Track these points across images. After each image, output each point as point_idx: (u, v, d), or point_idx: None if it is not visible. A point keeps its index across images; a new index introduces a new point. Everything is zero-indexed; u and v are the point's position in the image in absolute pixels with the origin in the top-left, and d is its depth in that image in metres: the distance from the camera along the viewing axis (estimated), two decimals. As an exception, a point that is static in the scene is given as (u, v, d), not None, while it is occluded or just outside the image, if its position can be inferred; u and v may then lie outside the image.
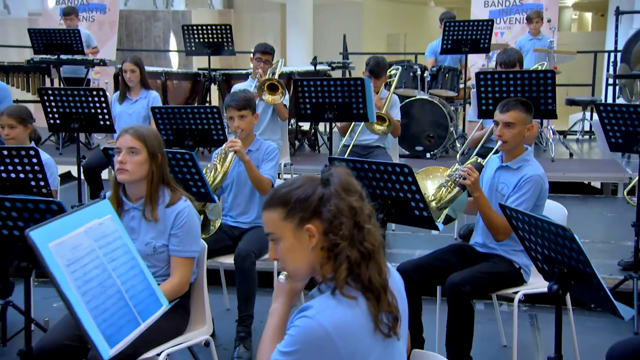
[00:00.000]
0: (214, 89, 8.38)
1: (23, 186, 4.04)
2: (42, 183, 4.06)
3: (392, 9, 23.51)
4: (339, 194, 2.06)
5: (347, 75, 9.55)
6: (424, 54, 9.14)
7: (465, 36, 7.78)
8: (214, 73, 8.08)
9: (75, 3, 10.38)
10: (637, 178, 4.89)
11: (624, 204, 6.76)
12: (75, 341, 3.08)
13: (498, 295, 4.07)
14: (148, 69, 7.18)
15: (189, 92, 8.14)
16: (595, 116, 6.57)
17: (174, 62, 15.99)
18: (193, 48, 8.09)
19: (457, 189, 3.86)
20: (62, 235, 2.06)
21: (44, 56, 8.23)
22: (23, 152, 3.99)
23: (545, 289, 3.94)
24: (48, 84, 8.59)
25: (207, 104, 7.88)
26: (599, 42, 16.32)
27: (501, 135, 3.92)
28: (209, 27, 7.99)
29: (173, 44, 16.41)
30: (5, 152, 4.00)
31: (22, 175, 4.04)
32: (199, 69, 8.77)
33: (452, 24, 7.84)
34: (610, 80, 9.46)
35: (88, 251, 2.13)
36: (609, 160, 8.07)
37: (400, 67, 7.25)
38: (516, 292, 3.82)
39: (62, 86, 7.95)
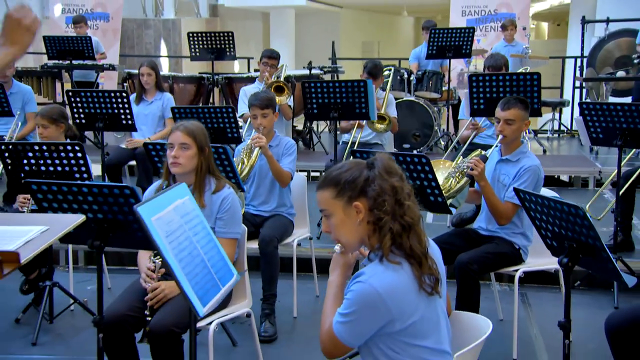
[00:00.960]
0: (216, 91, 8.54)
1: (68, 178, 4.18)
2: (85, 175, 4.20)
3: (367, 18, 23.76)
4: (382, 175, 2.26)
5: (338, 77, 9.76)
6: (397, 59, 9.38)
7: (449, 42, 8.02)
8: (216, 77, 8.23)
9: (80, 12, 10.44)
10: (616, 170, 5.10)
11: (594, 194, 7.05)
12: (136, 312, 3.25)
13: (497, 273, 4.30)
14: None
15: (193, 95, 8.29)
16: (577, 113, 6.82)
17: (165, 66, 16.04)
18: (197, 53, 8.23)
19: (465, 179, 4.07)
20: (159, 211, 2.24)
21: (57, 61, 8.30)
22: (69, 147, 4.14)
23: (540, 267, 4.24)
24: (59, 88, 8.67)
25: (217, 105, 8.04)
26: (557, 49, 16.65)
27: (502, 131, 4.14)
28: (212, 34, 8.14)
29: (164, 50, 16.48)
30: (53, 148, 4.14)
31: (67, 169, 4.18)
32: (200, 72, 8.90)
33: (437, 31, 8.07)
34: (577, 83, 9.76)
35: (178, 226, 2.31)
36: (579, 156, 8.36)
37: (392, 68, 7.47)
38: (516, 270, 4.06)
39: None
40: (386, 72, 7.14)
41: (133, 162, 6.45)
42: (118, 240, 3.04)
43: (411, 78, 8.43)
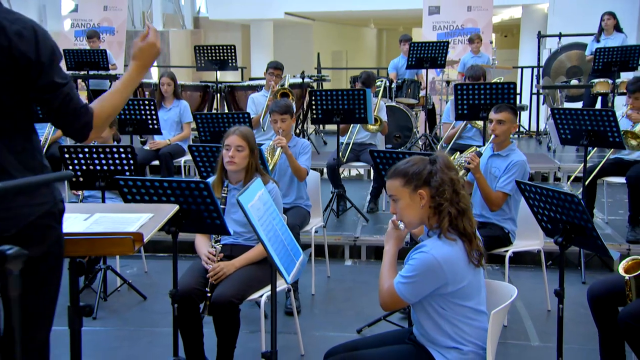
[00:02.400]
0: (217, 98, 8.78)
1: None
2: (134, 174, 4.46)
3: (337, 29, 24.04)
4: (443, 169, 2.60)
5: (322, 86, 10.08)
6: (363, 69, 9.72)
7: (426, 54, 8.38)
8: (220, 85, 8.48)
9: (88, 26, 10.57)
10: (582, 165, 5.50)
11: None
12: (200, 286, 3.55)
13: (489, 254, 4.67)
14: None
15: (199, 101, 8.53)
16: (543, 117, 7.23)
17: (154, 75, 16.16)
18: (202, 64, 8.46)
19: (462, 171, 4.44)
20: (251, 200, 2.54)
21: (74, 72, 8.46)
22: (122, 149, 4.39)
23: (526, 248, 4.62)
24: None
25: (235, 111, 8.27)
26: (507, 58, 17.16)
27: (494, 130, 4.52)
28: (216, 47, 8.37)
29: (153, 60, 16.59)
30: (108, 150, 4.40)
31: (119, 168, 4.44)
32: (202, 81, 9.12)
33: (416, 44, 8.43)
34: (534, 90, 10.22)
35: (263, 212, 2.62)
36: (539, 154, 8.80)
37: (384, 80, 7.82)
38: (507, 251, 4.44)
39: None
40: (378, 82, 7.48)
41: (155, 162, 6.67)
42: (189, 226, 3.32)
43: (392, 86, 8.80)
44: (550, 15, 12.43)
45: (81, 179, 4.51)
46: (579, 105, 9.28)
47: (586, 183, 5.52)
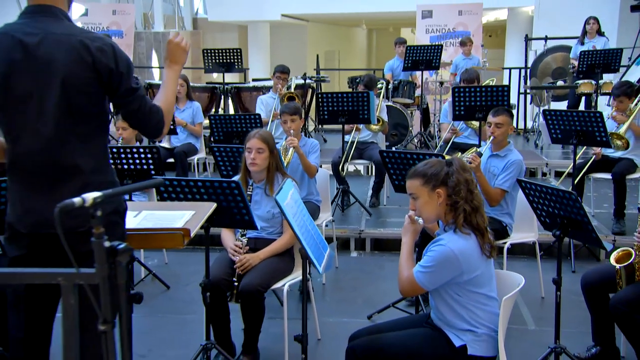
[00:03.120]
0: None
1: (145, 176, 4.59)
2: (160, 173, 4.62)
3: (329, 30, 24.17)
4: (459, 171, 2.79)
5: (321, 87, 10.26)
6: (356, 70, 9.86)
7: (421, 57, 8.57)
8: (227, 86, 8.63)
9: (98, 30, 10.67)
10: (568, 161, 5.71)
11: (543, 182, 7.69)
12: (227, 276, 3.72)
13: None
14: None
15: (207, 101, 8.68)
16: (542, 117, 7.41)
17: (156, 76, 16.25)
18: (210, 66, 8.61)
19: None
20: (285, 199, 2.72)
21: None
22: (147, 150, 4.55)
23: (522, 240, 4.82)
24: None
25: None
26: (492, 58, 17.35)
27: (493, 132, 4.71)
28: (223, 50, 8.51)
29: (155, 60, 16.67)
30: (135, 150, 4.55)
31: (145, 167, 4.59)
32: (207, 82, 9.25)
33: (412, 48, 8.61)
34: (522, 90, 10.43)
35: (295, 209, 2.80)
36: (527, 150, 8.99)
37: (384, 82, 8.00)
38: (505, 242, 4.64)
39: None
40: (379, 85, 7.66)
41: (170, 160, 6.81)
42: (220, 222, 3.49)
43: (389, 86, 8.98)
44: (536, 19, 12.64)
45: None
46: (564, 104, 9.51)
47: (576, 181, 5.73)
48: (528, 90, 9.83)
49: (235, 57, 8.51)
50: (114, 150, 4.54)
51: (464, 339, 2.75)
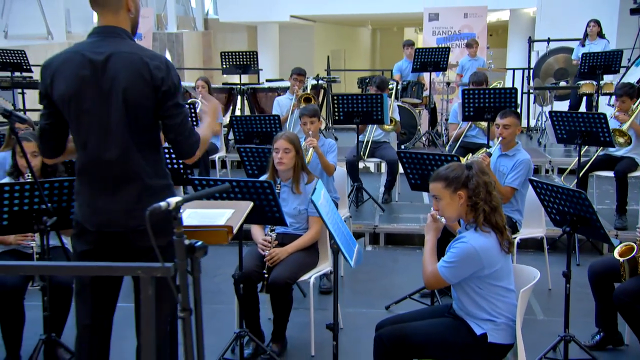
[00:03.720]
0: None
1: (176, 174, 4.73)
2: (188, 171, 4.76)
3: (335, 29, 24.28)
4: (478, 174, 2.93)
5: (331, 87, 10.39)
6: (360, 70, 9.97)
7: (430, 59, 8.71)
8: (243, 87, 8.78)
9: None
10: (569, 159, 5.85)
11: (545, 179, 7.83)
12: (257, 268, 3.88)
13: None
14: (191, 84, 7.89)
15: (225, 102, 8.83)
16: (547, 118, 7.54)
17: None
18: (227, 68, 8.74)
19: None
20: (319, 199, 2.88)
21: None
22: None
23: (531, 235, 4.96)
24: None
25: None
26: (493, 57, 17.45)
27: (502, 134, 4.85)
28: (240, 53, 8.66)
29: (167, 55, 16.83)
30: (166, 150, 4.69)
31: (175, 166, 4.74)
32: (224, 83, 9.39)
33: (421, 50, 8.75)
34: (525, 89, 10.55)
35: (328, 208, 2.96)
36: (531, 148, 9.10)
37: (395, 83, 8.14)
38: (515, 237, 4.78)
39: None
40: (390, 86, 7.80)
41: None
42: (253, 218, 3.65)
43: (398, 87, 9.12)
44: (538, 21, 12.75)
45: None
46: (566, 103, 9.63)
47: (581, 173, 5.88)
48: (531, 90, 9.95)
49: (251, 59, 8.65)
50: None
51: (484, 327, 2.90)
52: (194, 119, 6.28)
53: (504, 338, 2.91)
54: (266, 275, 3.86)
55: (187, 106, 2.64)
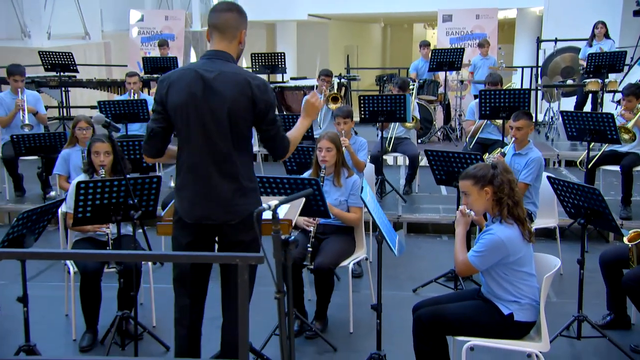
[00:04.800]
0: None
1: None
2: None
3: (348, 26, 24.43)
4: (502, 172, 3.19)
5: (351, 84, 10.63)
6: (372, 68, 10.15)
7: (445, 59, 8.93)
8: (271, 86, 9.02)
9: (152, 33, 11.09)
10: (585, 152, 6.08)
11: (554, 171, 8.05)
12: (302, 255, 4.15)
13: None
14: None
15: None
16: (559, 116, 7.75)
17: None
18: (257, 69, 8.99)
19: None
20: (367, 196, 3.15)
21: (150, 75, 9.00)
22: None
23: (545, 225, 5.20)
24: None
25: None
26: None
27: (515, 135, 5.09)
28: (269, 55, 8.91)
29: (193, 57, 17.04)
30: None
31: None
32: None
33: (437, 51, 8.97)
34: (533, 86, 10.73)
35: (373, 204, 3.23)
36: (540, 142, 9.31)
37: (415, 84, 8.37)
38: (530, 227, 5.02)
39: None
40: (411, 86, 8.04)
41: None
42: (301, 211, 3.91)
43: (415, 85, 9.33)
44: (545, 21, 12.89)
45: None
46: (572, 99, 9.80)
47: (588, 169, 6.13)
48: (539, 88, 10.14)
49: (279, 59, 8.90)
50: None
51: (510, 308, 3.17)
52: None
53: (528, 317, 3.18)
54: (310, 250, 4.11)
55: (279, 117, 2.93)
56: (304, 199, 3.41)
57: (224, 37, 2.86)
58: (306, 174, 4.56)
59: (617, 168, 6.21)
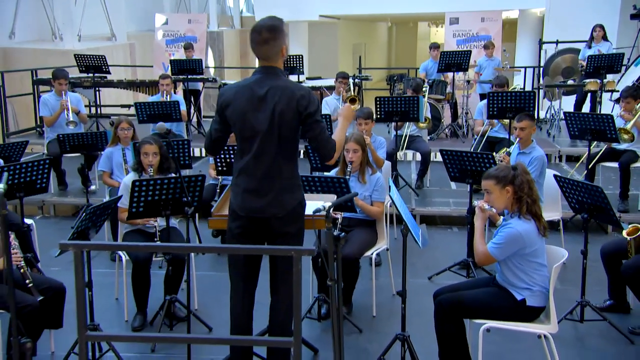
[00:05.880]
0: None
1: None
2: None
3: (357, 25, 24.54)
4: (522, 174, 3.40)
5: (363, 83, 10.81)
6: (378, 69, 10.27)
7: (453, 61, 9.11)
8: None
9: (176, 36, 11.30)
10: (587, 153, 6.30)
11: (555, 167, 8.25)
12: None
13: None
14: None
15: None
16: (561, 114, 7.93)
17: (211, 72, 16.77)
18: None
19: (501, 164, 5.22)
20: (394, 194, 3.38)
21: (177, 76, 9.19)
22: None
23: (549, 218, 5.36)
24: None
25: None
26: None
27: (518, 135, 5.30)
28: (288, 57, 9.08)
29: (210, 57, 17.23)
30: (231, 148, 5.19)
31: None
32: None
33: (445, 53, 9.15)
34: (535, 85, 10.90)
35: (399, 200, 3.45)
36: (541, 139, 9.46)
37: (427, 86, 8.58)
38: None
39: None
40: (424, 88, 8.24)
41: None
42: (331, 207, 4.16)
43: (427, 87, 9.52)
44: (546, 23, 13.02)
45: (225, 169, 5.34)
46: (572, 97, 9.96)
47: (590, 165, 6.33)
48: (542, 87, 10.31)
49: (298, 62, 9.09)
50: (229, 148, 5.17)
51: (523, 294, 3.40)
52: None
53: (539, 302, 3.41)
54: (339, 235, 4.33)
55: (322, 119, 3.16)
56: (335, 196, 3.65)
57: (270, 61, 3.13)
58: (333, 172, 4.78)
59: (615, 164, 6.42)
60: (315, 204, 3.47)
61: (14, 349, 2.47)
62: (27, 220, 4.77)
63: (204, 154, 8.84)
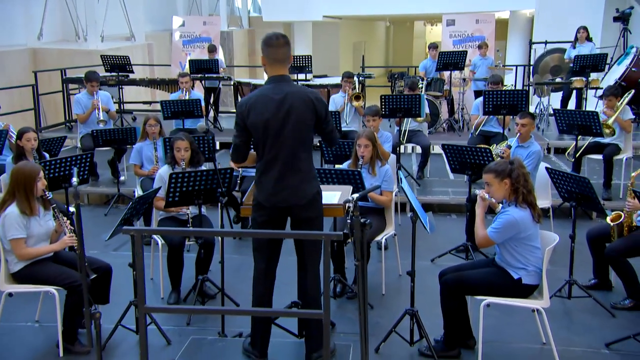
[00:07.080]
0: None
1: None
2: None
3: (357, 25, 24.59)
4: (518, 167, 3.60)
5: (366, 81, 10.96)
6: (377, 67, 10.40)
7: (451, 60, 9.28)
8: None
9: (192, 37, 11.44)
10: (574, 144, 6.50)
11: (544, 158, 8.42)
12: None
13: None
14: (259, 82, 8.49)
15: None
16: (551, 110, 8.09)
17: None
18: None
19: (498, 158, 5.43)
20: (406, 186, 3.58)
21: (195, 75, 9.36)
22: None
23: (540, 206, 5.57)
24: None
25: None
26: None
27: (520, 131, 5.49)
28: (297, 57, 9.23)
29: (220, 54, 17.31)
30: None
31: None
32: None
33: (443, 53, 9.31)
34: (525, 82, 11.07)
35: (410, 191, 3.65)
36: (533, 132, 9.66)
37: (424, 82, 8.74)
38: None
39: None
40: (420, 85, 8.42)
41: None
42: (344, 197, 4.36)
43: (423, 82, 9.70)
44: (536, 24, 13.15)
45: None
46: (560, 94, 10.12)
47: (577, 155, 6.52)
48: (532, 85, 10.48)
49: (306, 62, 9.25)
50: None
51: (519, 273, 3.61)
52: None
53: (533, 280, 3.62)
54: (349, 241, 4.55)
55: (331, 117, 3.37)
56: (351, 187, 3.85)
57: (284, 66, 3.32)
58: (345, 165, 4.98)
59: (599, 157, 6.62)
60: (332, 194, 3.71)
61: (85, 317, 2.69)
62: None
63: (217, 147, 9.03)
